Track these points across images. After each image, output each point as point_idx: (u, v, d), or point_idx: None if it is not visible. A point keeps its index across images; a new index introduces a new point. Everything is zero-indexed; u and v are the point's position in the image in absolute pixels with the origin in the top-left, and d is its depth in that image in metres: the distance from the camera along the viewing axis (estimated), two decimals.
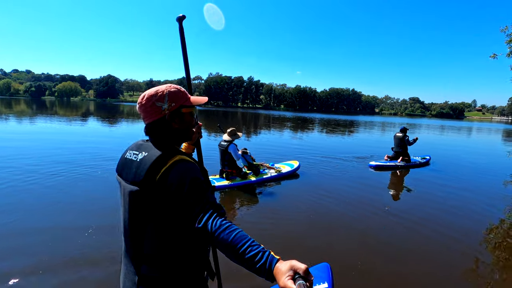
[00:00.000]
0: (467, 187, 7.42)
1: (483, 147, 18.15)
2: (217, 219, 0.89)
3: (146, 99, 1.09)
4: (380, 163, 8.61)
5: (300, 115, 58.33)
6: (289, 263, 0.79)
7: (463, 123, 68.51)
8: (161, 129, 1.12)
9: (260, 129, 22.74)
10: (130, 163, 1.09)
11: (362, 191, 6.44)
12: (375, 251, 3.77)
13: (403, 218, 4.94)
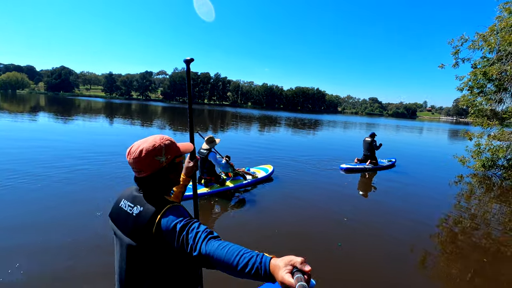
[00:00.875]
0: (422, 186, 8.09)
1: (437, 148, 19.84)
2: (210, 242, 0.93)
3: (145, 154, 1.11)
4: (350, 166, 9.01)
5: (267, 113, 58.79)
6: (285, 258, 0.80)
7: (416, 123, 74.39)
8: (158, 181, 1.16)
9: (229, 128, 22.42)
10: (126, 215, 1.13)
11: (333, 194, 6.64)
12: (344, 252, 3.95)
13: (366, 219, 5.22)
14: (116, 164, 7.52)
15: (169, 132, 17.17)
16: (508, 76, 8.40)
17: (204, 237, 0.95)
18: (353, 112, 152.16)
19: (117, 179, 6.27)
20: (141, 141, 1.16)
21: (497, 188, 8.38)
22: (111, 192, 5.38)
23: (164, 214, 1.05)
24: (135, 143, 1.16)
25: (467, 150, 9.73)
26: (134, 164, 1.12)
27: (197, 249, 0.92)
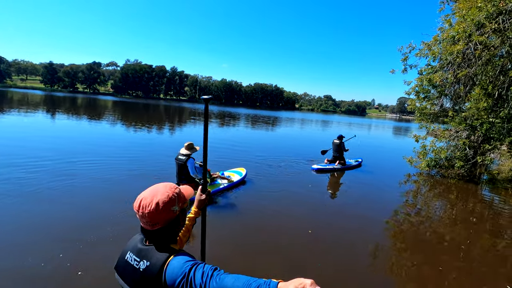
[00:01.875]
0: (379, 185, 8.69)
1: (390, 147, 21.35)
2: (217, 278, 0.95)
3: (162, 207, 1.09)
4: (321, 167, 9.50)
5: (227, 109, 58.14)
6: (294, 282, 0.81)
7: (367, 120, 79.83)
8: (170, 231, 1.15)
9: (190, 127, 21.48)
10: (133, 270, 1.11)
11: (306, 193, 7.02)
12: (312, 246, 4.38)
13: (333, 215, 5.74)
14: (47, 173, 6.56)
15: (122, 128, 15.84)
16: (448, 83, 9.18)
17: (211, 274, 0.97)
18: (309, 109, 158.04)
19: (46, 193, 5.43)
20: (150, 192, 1.13)
21: (439, 186, 9.17)
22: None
23: (169, 265, 1.05)
24: (143, 195, 1.12)
25: (415, 151, 10.52)
26: (149, 218, 1.09)
27: (207, 287, 0.94)
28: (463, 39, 8.29)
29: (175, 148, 10.88)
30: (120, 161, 8.38)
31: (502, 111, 8.42)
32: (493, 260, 4.46)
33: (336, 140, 10.06)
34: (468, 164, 9.28)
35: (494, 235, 5.49)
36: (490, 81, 9.07)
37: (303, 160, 10.87)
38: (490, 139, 9.06)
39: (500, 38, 8.00)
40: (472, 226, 5.82)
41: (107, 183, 6.37)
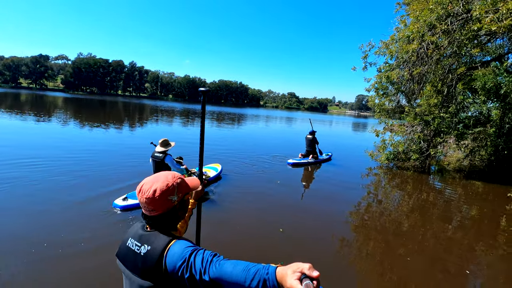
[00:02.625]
0: (344, 178, 9.05)
1: (354, 140, 22.24)
2: (217, 263, 0.96)
3: (159, 195, 1.10)
4: (296, 161, 10.00)
5: (191, 106, 56.58)
6: (292, 265, 0.82)
7: (328, 117, 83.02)
8: (168, 219, 1.16)
9: (153, 124, 20.39)
10: (134, 255, 1.12)
11: (277, 188, 7.20)
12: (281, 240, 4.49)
13: (302, 210, 5.88)
14: None
15: (76, 126, 14.46)
16: (404, 80, 9.72)
17: (210, 260, 0.98)
18: (274, 106, 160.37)
19: None
20: (152, 179, 1.15)
21: (397, 177, 9.72)
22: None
23: (169, 250, 1.06)
24: (145, 180, 1.16)
25: (375, 145, 11.04)
26: (147, 203, 1.11)
27: (207, 272, 0.95)
28: (417, 39, 8.80)
29: (138, 147, 10.36)
30: (65, 164, 7.57)
31: (451, 107, 9.14)
32: (445, 243, 4.88)
33: (308, 136, 10.58)
34: (422, 157, 9.97)
35: (445, 220, 5.96)
36: (440, 79, 9.78)
37: (277, 156, 11.18)
38: (441, 133, 9.82)
39: (449, 39, 8.63)
40: (426, 213, 6.28)
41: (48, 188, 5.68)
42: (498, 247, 4.91)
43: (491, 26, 7.40)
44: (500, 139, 10.13)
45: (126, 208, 4.85)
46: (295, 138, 18.81)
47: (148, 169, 5.87)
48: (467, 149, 11.10)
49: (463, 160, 11.31)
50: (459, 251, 4.66)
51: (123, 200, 4.93)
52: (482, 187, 9.07)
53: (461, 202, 7.50)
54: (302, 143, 11.67)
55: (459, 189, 8.75)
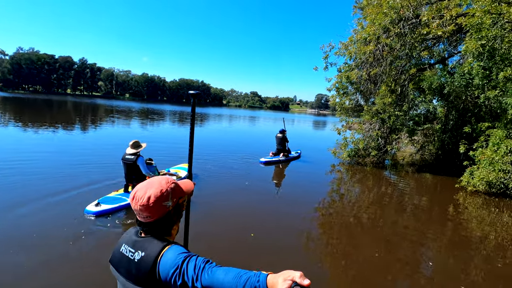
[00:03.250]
0: (310, 176, 9.29)
1: (319, 140, 22.87)
2: (209, 270, 0.96)
3: (154, 202, 1.09)
4: (268, 159, 10.19)
5: (150, 106, 54.07)
6: (284, 273, 0.84)
7: (291, 115, 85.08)
8: (164, 224, 1.15)
9: (108, 125, 18.93)
10: (128, 262, 1.11)
11: (246, 189, 7.09)
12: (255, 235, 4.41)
13: (271, 210, 5.88)
14: None
15: (18, 128, 12.81)
16: (363, 80, 10.19)
17: (203, 267, 0.98)
18: (237, 105, 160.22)
19: None
20: (146, 185, 1.13)
21: (358, 173, 10.17)
22: None
23: (163, 257, 1.05)
24: (138, 187, 1.14)
25: (337, 143, 11.45)
26: (141, 210, 1.10)
27: (199, 280, 0.95)
28: (373, 41, 9.27)
29: (94, 151, 9.49)
30: (11, 170, 6.64)
31: (404, 105, 9.80)
32: (401, 232, 5.26)
33: (279, 134, 10.87)
34: (380, 153, 10.57)
35: (401, 211, 6.45)
36: (394, 79, 10.44)
37: (246, 155, 11.19)
38: (396, 130, 10.50)
39: (401, 42, 9.22)
40: (385, 205, 6.72)
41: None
42: (446, 233, 5.44)
43: (438, 31, 8.05)
44: (445, 134, 11.13)
45: (100, 214, 4.64)
46: (262, 137, 18.86)
47: (106, 172, 5.42)
48: (417, 145, 12.02)
49: (415, 155, 12.24)
50: (413, 238, 5.02)
51: (95, 206, 4.72)
52: (431, 179, 9.87)
53: (414, 193, 8.11)
54: (269, 141, 11.92)
55: (411, 181, 9.43)
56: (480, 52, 6.92)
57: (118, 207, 4.86)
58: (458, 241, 5.11)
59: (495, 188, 7.37)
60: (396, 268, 3.98)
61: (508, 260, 4.37)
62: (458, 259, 4.37)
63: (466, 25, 7.28)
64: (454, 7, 8.29)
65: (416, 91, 11.18)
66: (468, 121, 10.01)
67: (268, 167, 9.77)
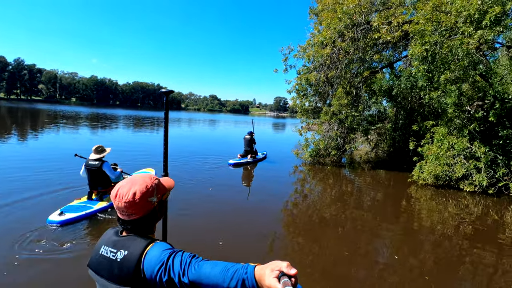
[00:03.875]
0: (275, 177, 9.16)
1: (283, 141, 23.14)
2: (196, 265, 0.95)
3: (139, 197, 1.07)
4: (236, 161, 10.28)
5: (101, 111, 50.29)
6: (271, 264, 0.84)
7: (250, 118, 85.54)
8: (148, 221, 1.13)
9: (53, 132, 16.99)
10: (109, 262, 1.07)
11: (212, 194, 6.91)
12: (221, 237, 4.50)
13: (238, 214, 5.77)
14: None
15: None
16: (321, 82, 10.52)
17: (189, 262, 0.96)
18: (196, 109, 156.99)
19: None
20: (129, 182, 1.11)
21: (320, 173, 10.45)
22: None
23: (147, 254, 1.02)
24: (120, 184, 1.10)
25: (299, 144, 11.67)
26: (126, 208, 1.06)
27: (186, 275, 0.94)
28: (330, 45, 9.61)
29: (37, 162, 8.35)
30: None
31: (360, 106, 10.33)
32: (361, 226, 5.53)
33: (247, 136, 11.12)
34: (340, 152, 11.00)
35: (359, 207, 6.79)
36: (349, 81, 10.97)
37: (210, 159, 11.05)
38: (353, 130, 11.03)
39: (355, 46, 9.70)
40: (345, 202, 7.02)
41: None
42: (400, 223, 5.84)
43: (387, 36, 8.61)
44: (396, 133, 12.00)
45: (65, 223, 4.48)
46: (226, 140, 18.54)
47: (66, 180, 4.85)
48: (372, 143, 12.78)
49: (370, 153, 12.99)
50: (372, 230, 5.33)
51: (59, 215, 4.53)
52: (385, 175, 10.52)
53: (370, 189, 8.57)
54: (233, 144, 12.20)
55: (368, 178, 9.96)
56: (424, 56, 7.54)
57: (84, 215, 4.73)
58: (411, 230, 5.51)
59: (441, 180, 8.06)
60: (359, 261, 4.16)
61: (453, 243, 4.90)
62: (412, 247, 4.72)
63: (411, 32, 7.89)
64: (400, 15, 8.98)
65: (369, 93, 11.90)
66: (415, 120, 10.90)
67: (236, 169, 9.80)
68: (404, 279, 3.73)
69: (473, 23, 7.22)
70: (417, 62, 7.80)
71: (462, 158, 7.91)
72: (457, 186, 8.05)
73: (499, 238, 5.18)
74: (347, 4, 9.18)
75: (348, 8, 9.07)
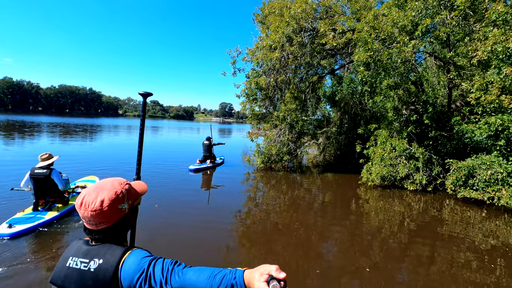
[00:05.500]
0: (228, 183, 9.01)
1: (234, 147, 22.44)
2: (179, 272, 0.91)
3: (108, 205, 0.98)
4: (197, 167, 10.32)
5: (19, 118, 43.09)
6: (260, 268, 0.84)
7: (196, 124, 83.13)
8: (119, 230, 1.05)
9: None
10: (80, 274, 0.96)
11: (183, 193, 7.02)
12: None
13: (195, 222, 5.61)
14: None
15: None
16: (271, 86, 10.34)
17: (171, 269, 0.92)
18: (136, 115, 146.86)
19: None
20: (96, 188, 1.01)
21: (272, 179, 10.19)
22: None
23: (124, 262, 0.95)
24: (87, 191, 1.01)
25: (251, 150, 11.29)
26: (93, 217, 0.97)
27: (168, 283, 0.89)
28: (279, 48, 9.50)
29: None
30: None
31: (309, 110, 10.43)
32: (312, 229, 5.55)
33: (205, 142, 11.22)
34: (292, 157, 10.93)
35: (311, 210, 6.81)
36: (297, 86, 11.03)
37: (163, 165, 10.80)
38: (303, 134, 11.11)
39: (302, 51, 9.77)
40: (297, 207, 6.95)
41: None
42: (348, 225, 5.93)
43: (333, 42, 8.83)
44: (341, 136, 12.50)
45: (16, 236, 4.29)
46: (175, 148, 17.18)
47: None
48: (320, 147, 13.12)
49: (318, 156, 13.31)
50: (324, 233, 5.45)
51: (8, 227, 4.33)
52: (333, 178, 10.78)
53: (320, 192, 8.65)
54: (184, 151, 12.24)
55: (318, 181, 10.07)
56: (369, 62, 7.88)
57: (37, 225, 4.57)
58: (361, 230, 5.66)
59: (387, 181, 8.47)
60: (311, 264, 4.18)
61: (398, 240, 5.17)
62: (361, 245, 4.92)
63: (356, 39, 8.20)
64: (341, 25, 9.36)
65: (316, 98, 12.19)
66: (359, 124, 11.48)
67: (195, 175, 9.77)
68: (354, 277, 3.88)
69: (408, 33, 7.80)
70: (362, 68, 8.10)
71: (404, 159, 8.44)
72: (401, 186, 8.55)
73: (439, 232, 5.67)
74: (294, 9, 9.19)
75: (296, 12, 9.08)
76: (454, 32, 7.61)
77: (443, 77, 7.76)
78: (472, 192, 7.03)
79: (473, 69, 7.93)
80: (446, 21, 7.41)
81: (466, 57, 7.72)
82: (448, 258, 4.52)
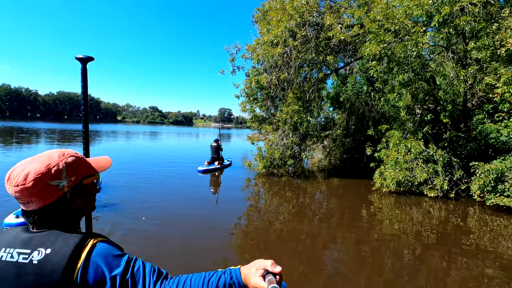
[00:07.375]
0: (229, 189, 8.37)
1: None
2: (164, 282, 0.78)
3: (34, 180, 0.75)
4: (205, 168, 10.43)
5: (16, 124, 42.40)
6: (255, 263, 0.79)
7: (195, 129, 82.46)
8: (60, 213, 0.81)
9: None
10: (18, 269, 0.74)
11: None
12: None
13: (195, 230, 5.20)
14: None
15: None
16: (273, 85, 9.59)
17: (156, 278, 0.78)
18: (135, 121, 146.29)
19: None
20: (30, 159, 0.80)
21: (275, 185, 9.39)
22: None
23: (90, 253, 0.75)
24: (19, 163, 0.79)
25: (252, 154, 10.50)
26: (17, 193, 0.76)
27: None
28: (281, 44, 8.78)
29: None
30: None
31: (314, 111, 9.68)
32: (315, 239, 5.06)
33: (213, 144, 11.32)
34: (297, 161, 10.12)
35: (316, 218, 6.20)
36: (300, 86, 10.28)
37: (166, 169, 10.67)
38: (308, 136, 10.32)
39: (306, 47, 9.05)
40: (303, 215, 6.38)
41: None
42: (361, 235, 5.33)
43: (341, 35, 8.11)
44: (347, 139, 11.73)
45: (23, 225, 2.73)
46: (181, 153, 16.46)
47: None
48: (326, 150, 12.33)
49: (324, 160, 12.51)
50: (325, 243, 4.95)
51: (16, 217, 4.52)
52: (340, 183, 9.99)
53: (327, 199, 8.01)
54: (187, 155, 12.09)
55: (323, 187, 9.31)
56: (381, 55, 7.15)
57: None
58: (371, 240, 5.06)
59: (403, 186, 7.66)
60: (318, 277, 3.78)
61: (416, 252, 4.61)
62: (374, 257, 4.44)
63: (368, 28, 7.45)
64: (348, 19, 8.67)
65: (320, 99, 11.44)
66: (367, 125, 10.70)
67: (205, 176, 9.90)
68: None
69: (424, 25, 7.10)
70: (374, 62, 7.37)
71: (421, 162, 7.65)
72: (418, 192, 7.74)
73: (463, 244, 4.96)
74: (297, 1, 8.50)
75: (299, 4, 8.38)
76: (476, 21, 6.88)
77: (463, 72, 7.02)
78: (504, 199, 6.22)
79: (496, 62, 7.19)
80: (467, 9, 6.70)
81: (488, 48, 6.98)
82: (473, 275, 3.82)
